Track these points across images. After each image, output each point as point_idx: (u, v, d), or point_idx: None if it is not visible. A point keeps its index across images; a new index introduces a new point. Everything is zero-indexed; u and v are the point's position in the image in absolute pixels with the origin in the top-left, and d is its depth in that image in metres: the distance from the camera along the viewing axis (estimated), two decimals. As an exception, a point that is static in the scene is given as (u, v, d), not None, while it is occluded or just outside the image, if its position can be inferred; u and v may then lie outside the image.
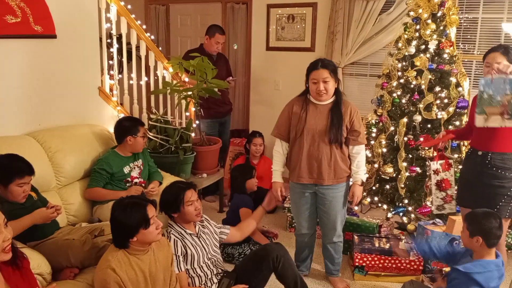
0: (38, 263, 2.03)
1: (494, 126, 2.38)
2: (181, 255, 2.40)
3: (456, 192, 2.87)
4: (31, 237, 2.26)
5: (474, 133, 2.63)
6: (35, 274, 1.92)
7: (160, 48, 4.11)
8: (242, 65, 5.38)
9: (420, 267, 3.05)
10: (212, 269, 2.52)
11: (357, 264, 3.09)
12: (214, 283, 2.48)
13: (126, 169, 3.01)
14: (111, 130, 3.24)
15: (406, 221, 3.54)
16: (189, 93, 3.72)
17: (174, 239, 2.41)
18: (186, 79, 4.00)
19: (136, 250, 2.02)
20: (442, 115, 3.41)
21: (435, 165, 2.86)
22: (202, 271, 2.47)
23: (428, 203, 3.40)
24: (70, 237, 2.29)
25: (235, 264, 3.02)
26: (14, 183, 2.16)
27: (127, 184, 3.00)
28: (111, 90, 3.64)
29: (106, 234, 2.39)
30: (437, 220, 3.31)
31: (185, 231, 2.49)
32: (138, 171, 3.08)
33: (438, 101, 3.44)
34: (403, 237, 3.28)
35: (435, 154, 3.03)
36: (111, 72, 3.68)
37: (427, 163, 2.91)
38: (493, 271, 2.12)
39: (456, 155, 3.37)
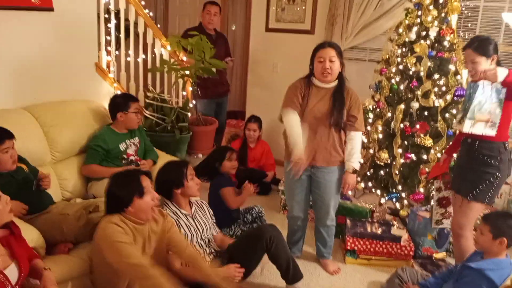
0: (32, 237, 2.04)
1: (476, 133, 2.45)
2: (175, 234, 2.41)
3: None
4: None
5: None
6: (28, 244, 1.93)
7: (158, 26, 4.05)
8: (240, 46, 5.33)
9: (411, 253, 3.09)
10: (205, 249, 2.54)
11: (348, 247, 3.13)
12: (206, 261, 2.50)
13: (122, 146, 2.99)
14: (107, 106, 3.22)
15: (398, 207, 3.57)
16: (187, 72, 3.69)
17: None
18: (184, 58, 3.96)
19: (131, 220, 2.03)
20: (440, 103, 3.41)
21: (438, 183, 2.90)
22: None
23: (421, 190, 3.43)
24: (65, 212, 2.29)
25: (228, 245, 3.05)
26: None
27: (123, 161, 2.99)
28: (108, 66, 3.60)
29: (101, 210, 2.40)
30: (429, 206, 3.34)
31: (180, 211, 2.50)
32: (134, 149, 3.07)
33: (436, 89, 3.44)
34: (395, 223, 3.32)
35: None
36: (108, 48, 3.63)
37: (432, 185, 2.99)
38: (505, 269, 2.12)
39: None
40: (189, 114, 3.78)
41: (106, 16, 3.61)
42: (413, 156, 3.45)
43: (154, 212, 2.12)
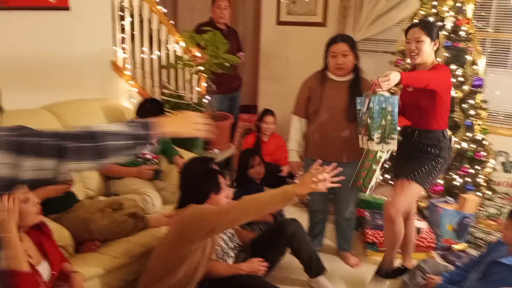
0: (61, 236, 2.07)
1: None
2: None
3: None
4: (50, 210, 2.27)
5: (406, 112, 2.59)
6: (58, 246, 1.95)
7: (171, 22, 4.05)
8: (251, 40, 5.31)
9: (432, 244, 3.09)
10: (228, 243, 2.55)
11: (369, 240, 3.13)
12: (230, 256, 2.52)
13: None
14: (125, 104, 3.23)
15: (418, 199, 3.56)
16: (201, 68, 3.69)
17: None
18: (198, 54, 3.96)
19: None
20: (457, 93, 3.39)
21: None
22: (218, 245, 2.50)
23: (440, 181, 3.42)
24: (91, 211, 2.31)
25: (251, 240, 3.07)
26: None
27: (138, 159, 3.01)
28: (123, 64, 3.60)
29: (125, 207, 2.42)
30: (449, 198, 3.34)
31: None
32: (151, 147, 3.07)
33: (453, 80, 3.41)
34: (415, 215, 3.31)
35: None
36: (123, 45, 3.63)
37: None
38: None
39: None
40: (204, 110, 3.78)
41: (121, 13, 3.60)
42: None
43: None
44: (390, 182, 3.73)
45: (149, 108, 3.03)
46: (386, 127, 2.27)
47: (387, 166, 2.72)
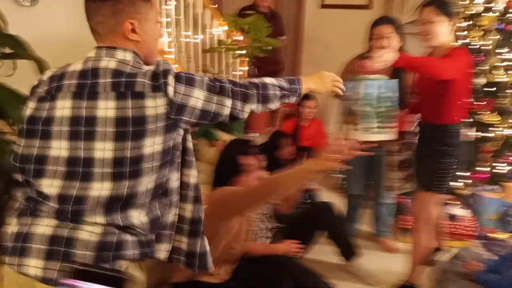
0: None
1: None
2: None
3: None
4: None
5: (421, 101, 2.41)
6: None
7: (216, 6, 4.11)
8: (293, 24, 5.28)
9: (474, 233, 3.01)
10: (266, 224, 2.60)
11: (406, 226, 3.09)
12: (267, 237, 2.57)
13: None
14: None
15: (462, 187, 3.46)
16: (243, 51, 3.73)
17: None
18: (240, 38, 4.00)
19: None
20: (509, 77, 3.25)
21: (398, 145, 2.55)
22: (255, 225, 2.55)
23: (486, 169, 3.31)
24: None
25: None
26: None
27: None
28: (168, 47, 3.70)
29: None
30: (494, 186, 3.23)
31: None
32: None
33: (504, 63, 3.26)
34: (458, 203, 3.23)
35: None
36: (168, 29, 3.73)
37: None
38: None
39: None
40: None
41: (165, -2, 3.69)
42: (478, 134, 3.32)
43: None
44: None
45: None
46: (384, 115, 1.99)
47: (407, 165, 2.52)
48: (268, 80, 1.38)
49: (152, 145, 1.16)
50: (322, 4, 4.89)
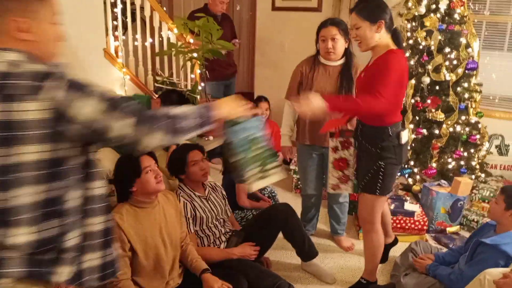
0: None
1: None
2: (191, 217, 2.44)
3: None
4: None
5: None
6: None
7: (164, 9, 4.03)
8: (246, 26, 5.29)
9: (425, 227, 3.10)
10: (220, 229, 2.57)
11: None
12: (222, 241, 2.54)
13: None
14: (118, 92, 3.23)
15: (411, 183, 3.57)
16: (195, 54, 3.67)
17: (184, 202, 2.44)
18: (191, 40, 3.94)
19: (141, 202, 2.05)
20: (451, 76, 3.38)
21: (333, 142, 2.45)
22: (210, 231, 2.51)
23: (434, 165, 3.43)
24: None
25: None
26: None
27: None
28: (116, 51, 3.59)
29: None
30: (442, 181, 3.35)
31: (194, 194, 2.52)
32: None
33: (447, 63, 3.40)
34: (408, 198, 3.33)
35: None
36: (116, 33, 3.62)
37: (330, 139, 2.46)
38: None
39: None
40: (199, 97, 3.77)
41: (112, 0, 3.58)
42: (425, 131, 3.43)
43: (161, 189, 2.12)
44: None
45: (174, 99, 3.03)
46: (264, 157, 1.64)
47: (344, 164, 2.47)
48: (180, 110, 1.26)
49: (30, 152, 1.07)
50: (273, 7, 4.93)
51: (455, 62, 3.42)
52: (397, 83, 2.06)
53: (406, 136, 2.23)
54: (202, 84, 3.94)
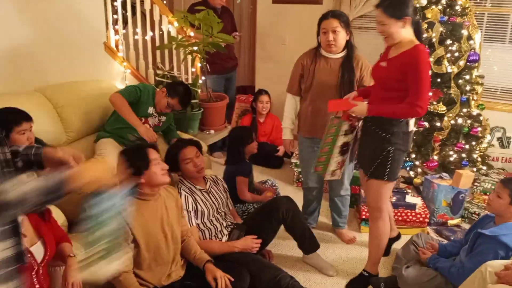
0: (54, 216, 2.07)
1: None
2: (192, 210, 2.45)
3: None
4: None
5: (372, 91, 2.41)
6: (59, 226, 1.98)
7: (164, 2, 4.01)
8: (247, 20, 5.27)
9: (426, 219, 3.11)
10: (222, 222, 2.57)
11: (364, 217, 3.15)
12: (224, 234, 2.54)
13: (150, 109, 3.03)
14: (119, 85, 3.23)
15: (412, 175, 3.57)
16: (195, 48, 3.66)
17: (185, 195, 2.45)
18: (192, 34, 3.93)
19: (145, 195, 2.06)
20: (453, 68, 3.37)
21: (346, 125, 2.39)
22: (212, 224, 2.52)
23: (435, 157, 3.42)
24: (84, 190, 2.30)
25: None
26: (14, 131, 2.17)
27: (152, 114, 3.06)
28: (116, 45, 3.59)
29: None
30: (444, 174, 3.35)
31: (194, 187, 2.52)
32: (155, 122, 3.08)
33: (448, 55, 3.38)
34: (410, 191, 3.32)
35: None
36: (116, 27, 3.61)
37: (331, 118, 2.40)
38: None
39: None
40: (199, 90, 3.77)
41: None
42: (426, 123, 3.42)
43: (167, 182, 2.13)
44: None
45: (180, 91, 3.06)
46: (109, 239, 1.30)
47: (346, 148, 2.47)
48: (18, 193, 1.08)
49: None
50: (274, 0, 4.90)
51: (456, 54, 3.41)
52: (429, 83, 2.16)
53: (412, 124, 2.29)
54: (203, 78, 3.94)
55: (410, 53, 2.12)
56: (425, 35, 3.40)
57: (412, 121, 2.26)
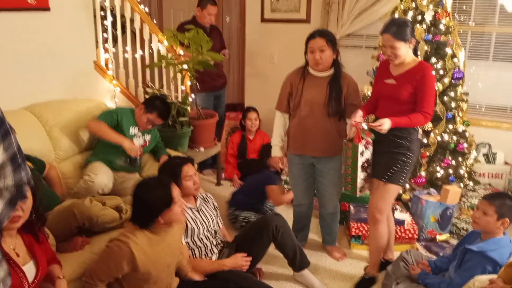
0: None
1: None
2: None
3: None
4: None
5: (380, 104, 2.60)
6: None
7: (154, 21, 4.05)
8: (236, 38, 5.33)
9: (415, 236, 3.12)
10: (212, 241, 2.56)
11: (353, 233, 3.16)
12: (214, 253, 2.53)
13: (132, 130, 3.04)
14: (108, 104, 3.24)
15: (401, 191, 3.60)
16: (185, 66, 3.69)
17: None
18: (181, 52, 3.97)
19: (160, 231, 2.02)
20: (438, 86, 3.43)
21: (361, 146, 2.49)
22: (201, 243, 2.51)
23: (423, 174, 3.46)
24: (73, 203, 2.29)
25: (237, 228, 3.21)
26: None
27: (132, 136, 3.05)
28: (106, 64, 3.60)
29: (107, 203, 2.42)
30: (431, 190, 3.38)
31: (185, 205, 2.52)
32: (141, 143, 3.08)
33: (433, 73, 3.45)
34: (398, 207, 3.35)
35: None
36: (106, 45, 3.64)
37: (345, 142, 2.54)
38: (505, 247, 2.13)
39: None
40: (189, 108, 3.79)
41: (102, 13, 3.60)
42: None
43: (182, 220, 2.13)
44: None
45: (158, 105, 3.08)
46: None
47: (367, 164, 2.58)
48: None
49: None
50: (262, 19, 4.98)
51: (441, 72, 3.48)
52: (435, 93, 2.50)
53: (420, 131, 2.60)
54: (193, 96, 3.96)
55: (419, 69, 2.42)
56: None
57: (420, 130, 2.55)
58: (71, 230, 2.27)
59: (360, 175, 2.56)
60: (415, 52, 2.52)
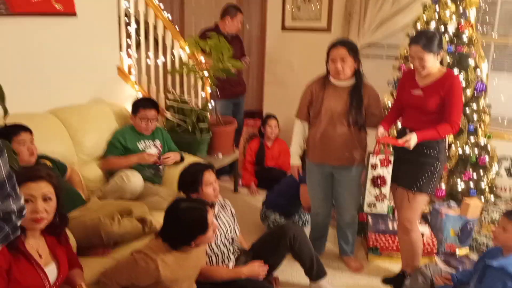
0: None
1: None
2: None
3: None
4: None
5: (406, 114, 2.64)
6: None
7: (176, 27, 4.10)
8: (256, 46, 5.36)
9: (434, 249, 3.08)
10: (229, 248, 2.57)
11: (371, 245, 3.13)
12: (231, 260, 2.54)
13: (140, 145, 3.05)
14: (130, 108, 3.28)
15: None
16: (206, 73, 3.73)
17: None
18: (202, 59, 4.00)
19: (189, 250, 2.05)
20: (460, 98, 3.39)
21: (373, 159, 2.54)
22: (219, 250, 2.51)
23: (443, 186, 3.41)
24: (97, 216, 2.28)
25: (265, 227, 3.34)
26: (14, 142, 2.25)
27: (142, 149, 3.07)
28: (129, 69, 3.66)
29: (133, 213, 2.42)
30: (452, 203, 3.33)
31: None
32: (156, 151, 3.11)
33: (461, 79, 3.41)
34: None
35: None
36: (129, 51, 3.69)
37: (370, 156, 2.56)
38: None
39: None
40: (209, 115, 3.82)
41: (126, 19, 3.66)
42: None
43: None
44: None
45: (137, 102, 3.12)
46: None
47: (381, 182, 2.60)
48: None
49: None
50: (283, 27, 5.00)
51: (464, 83, 3.43)
52: (462, 102, 2.53)
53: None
54: (213, 102, 3.99)
55: (447, 79, 2.45)
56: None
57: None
58: (94, 245, 2.28)
59: (370, 189, 2.57)
60: (440, 63, 2.54)
